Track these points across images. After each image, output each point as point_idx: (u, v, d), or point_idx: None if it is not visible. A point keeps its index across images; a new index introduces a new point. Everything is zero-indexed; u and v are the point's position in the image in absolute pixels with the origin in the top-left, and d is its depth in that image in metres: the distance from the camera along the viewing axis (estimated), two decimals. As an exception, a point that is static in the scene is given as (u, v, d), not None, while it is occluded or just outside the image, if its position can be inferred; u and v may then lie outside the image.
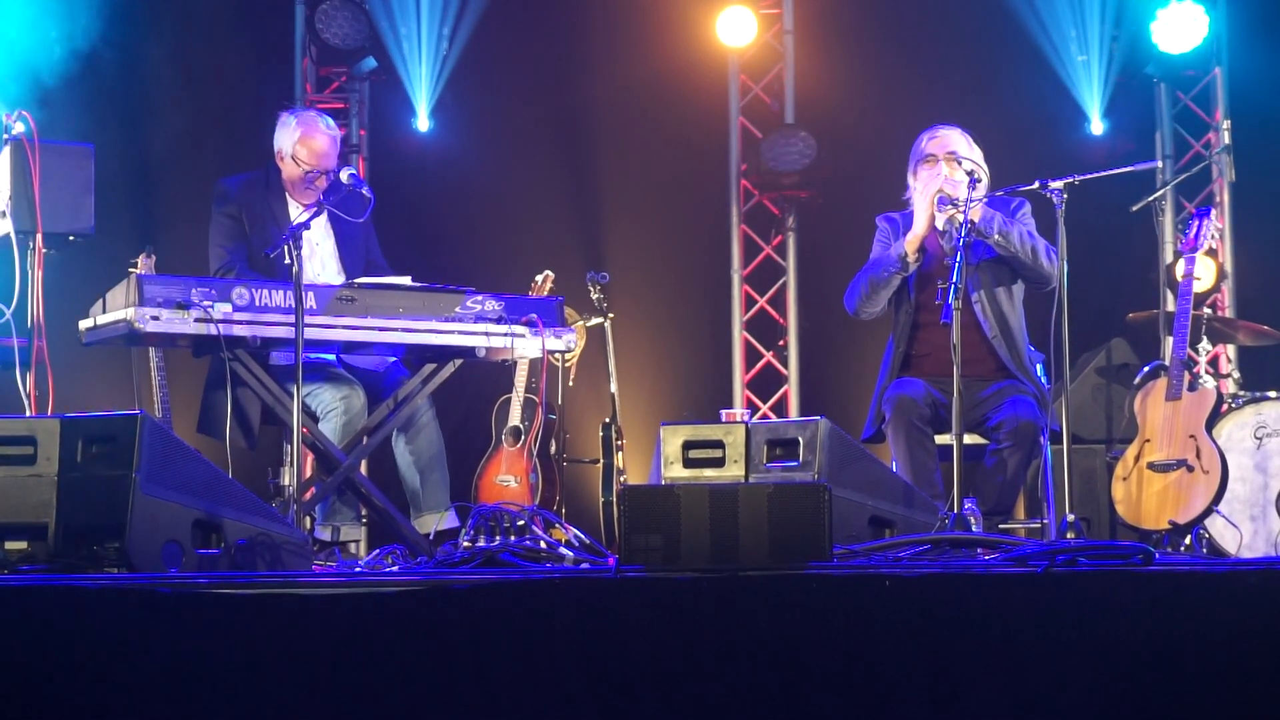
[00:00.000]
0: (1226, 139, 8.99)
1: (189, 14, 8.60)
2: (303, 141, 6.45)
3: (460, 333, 6.03)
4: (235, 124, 8.92)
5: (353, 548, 6.55)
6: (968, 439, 6.06)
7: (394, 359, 6.48)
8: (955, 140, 6.42)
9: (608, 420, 7.86)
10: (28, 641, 3.76)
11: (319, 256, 6.48)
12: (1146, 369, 6.99)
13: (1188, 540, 6.53)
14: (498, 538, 5.05)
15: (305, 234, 6.28)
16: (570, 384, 8.22)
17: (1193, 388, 6.63)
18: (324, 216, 6.44)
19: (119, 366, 7.65)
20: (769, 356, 9.68)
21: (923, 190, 6.38)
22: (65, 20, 7.43)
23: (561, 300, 6.32)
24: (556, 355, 7.32)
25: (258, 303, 5.73)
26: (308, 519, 6.15)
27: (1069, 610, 3.77)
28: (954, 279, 5.76)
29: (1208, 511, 6.46)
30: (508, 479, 7.91)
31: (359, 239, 6.56)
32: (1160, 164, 9.11)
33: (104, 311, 5.73)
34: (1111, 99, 9.29)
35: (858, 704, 3.73)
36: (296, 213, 6.44)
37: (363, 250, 6.58)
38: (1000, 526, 6.19)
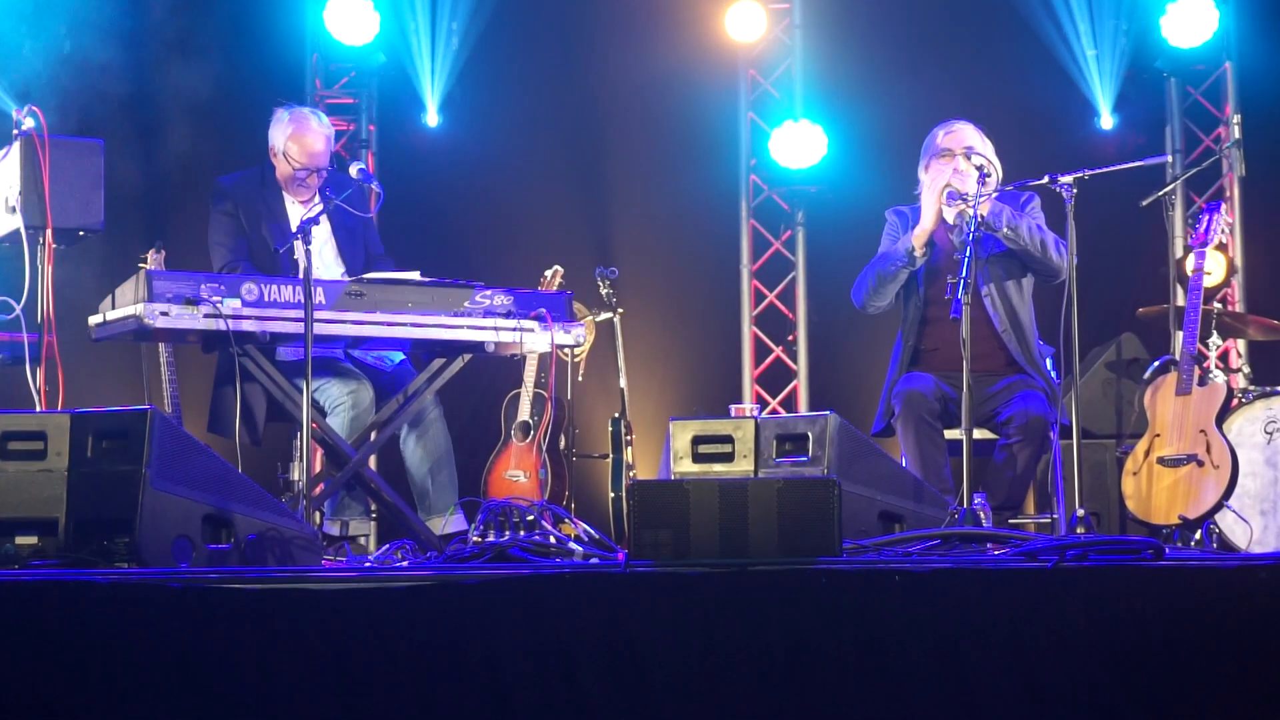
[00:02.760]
0: (1236, 133, 8.96)
1: (199, 8, 8.61)
2: (294, 138, 6.44)
3: (469, 328, 6.03)
4: (245, 120, 8.91)
5: (362, 542, 6.56)
6: (977, 434, 6.06)
7: (403, 356, 6.49)
8: (970, 135, 6.42)
9: (617, 415, 7.86)
10: (38, 636, 3.76)
11: (316, 248, 6.48)
12: (1156, 364, 6.98)
13: (1198, 535, 6.53)
14: (507, 533, 5.05)
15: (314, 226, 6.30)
16: (579, 379, 8.22)
17: (1203, 383, 6.62)
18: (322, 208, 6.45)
19: (129, 362, 7.67)
20: (778, 351, 9.68)
21: (931, 185, 6.38)
22: (76, 15, 7.43)
23: (570, 295, 6.32)
24: (565, 350, 7.33)
25: (267, 298, 5.74)
26: (317, 514, 6.16)
27: (1079, 605, 3.76)
28: (964, 274, 5.76)
29: (1218, 506, 6.46)
30: (517, 474, 7.91)
31: (358, 230, 6.56)
32: (1170, 158, 9.09)
33: (114, 307, 5.74)
34: (1121, 93, 9.28)
35: (867, 698, 3.73)
36: (293, 208, 6.45)
37: (361, 241, 6.58)
38: (1010, 521, 6.18)
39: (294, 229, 6.09)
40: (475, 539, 5.04)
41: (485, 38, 9.47)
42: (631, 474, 7.72)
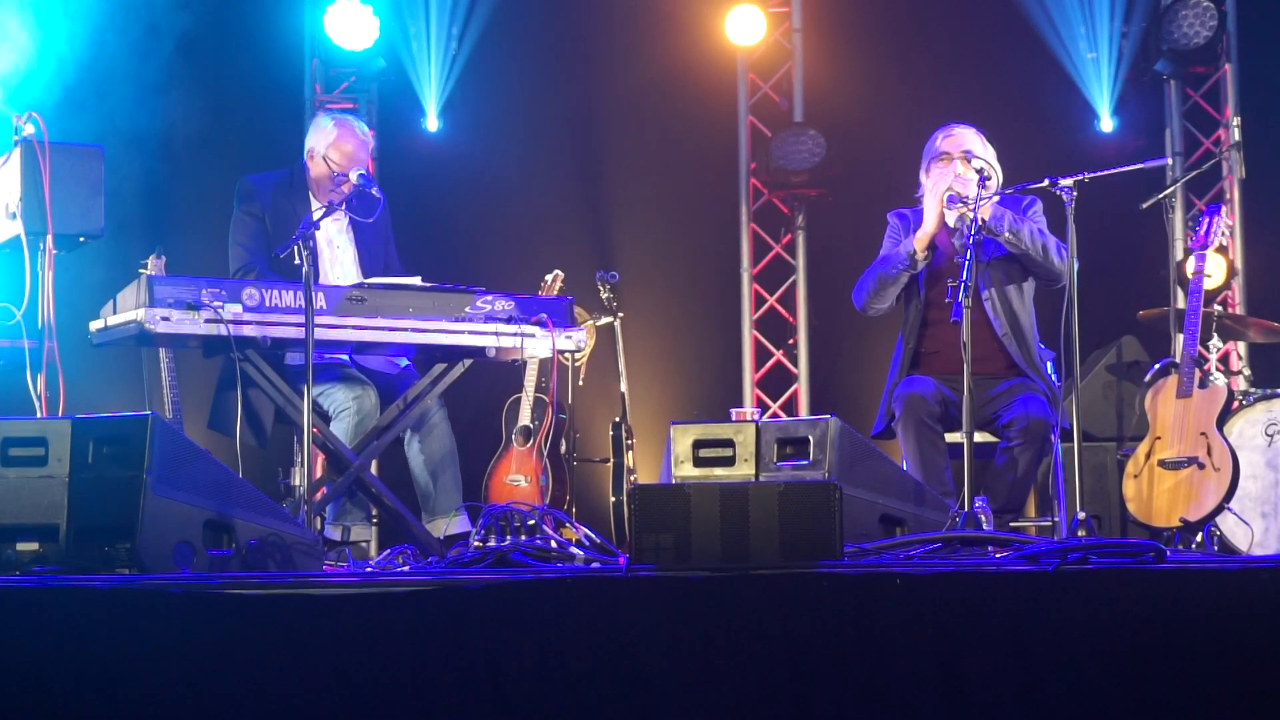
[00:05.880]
0: (1236, 136, 8.97)
1: (198, 14, 8.61)
2: (336, 145, 6.47)
3: (470, 332, 6.03)
4: (245, 125, 8.93)
5: (363, 547, 6.55)
6: (978, 437, 6.05)
7: (407, 361, 6.49)
8: (969, 139, 6.42)
9: (618, 419, 7.86)
10: (40, 642, 3.76)
11: (340, 262, 6.49)
12: (1157, 366, 6.98)
13: (1199, 538, 6.52)
14: (508, 537, 5.05)
15: (326, 238, 6.32)
16: (580, 383, 8.22)
17: (1203, 385, 6.62)
18: (345, 221, 6.46)
19: (129, 367, 7.67)
20: (779, 355, 9.68)
21: (933, 188, 6.38)
22: (75, 21, 7.44)
23: (571, 300, 6.32)
24: (566, 355, 7.33)
25: (268, 303, 5.73)
26: (318, 519, 6.16)
27: (1080, 608, 3.76)
28: (964, 277, 5.76)
29: (1219, 509, 6.46)
30: (518, 479, 7.91)
31: (379, 244, 6.58)
32: (1170, 161, 9.09)
33: (114, 313, 5.74)
34: (1121, 96, 9.29)
35: (869, 702, 3.73)
36: (320, 211, 6.45)
37: (382, 255, 6.60)
38: (1011, 524, 6.18)
39: (316, 236, 6.10)
40: (476, 544, 5.04)
41: (485, 42, 9.48)
42: (632, 478, 7.72)
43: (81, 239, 5.95)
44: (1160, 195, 7.48)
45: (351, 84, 9.47)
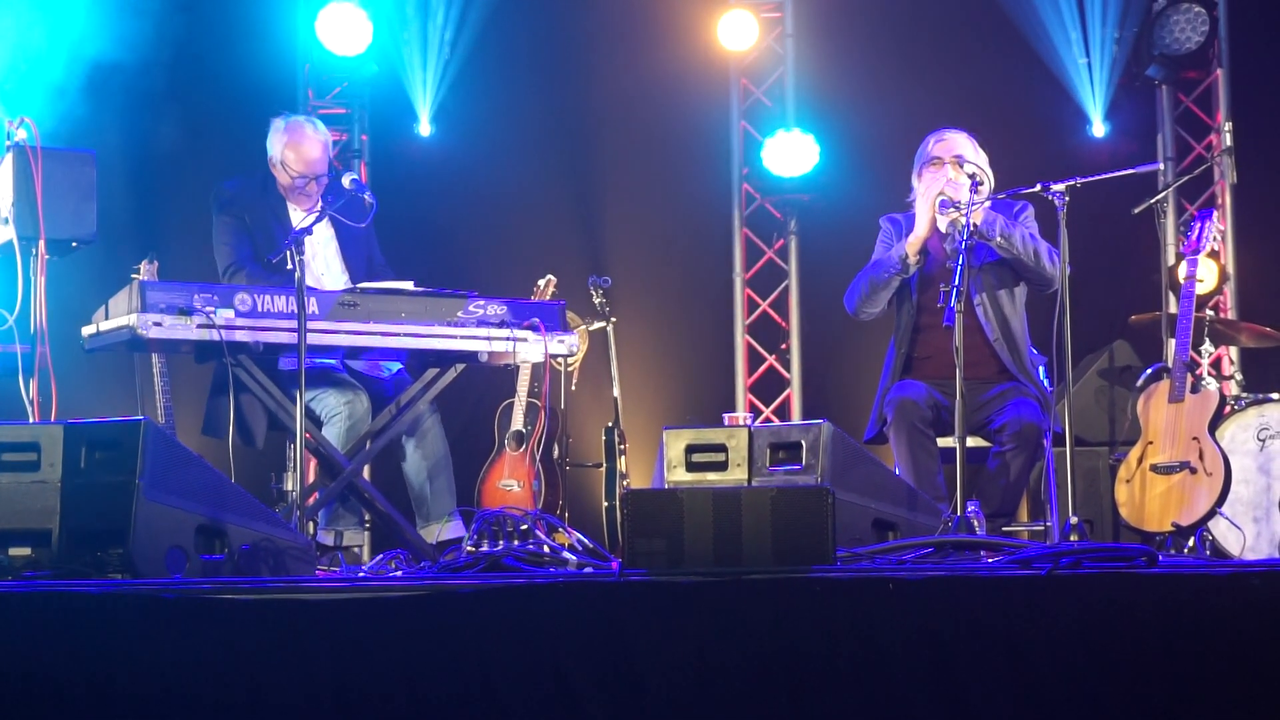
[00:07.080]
0: (1228, 141, 8.98)
1: (191, 19, 8.61)
2: (291, 146, 6.46)
3: (463, 337, 6.04)
4: (238, 130, 8.91)
5: (356, 552, 6.55)
6: (970, 441, 6.06)
7: (399, 365, 6.49)
8: (961, 144, 6.43)
9: (610, 424, 7.86)
10: (32, 647, 3.76)
11: (322, 257, 6.49)
12: (1149, 371, 6.99)
13: (1191, 542, 6.53)
14: (501, 542, 5.05)
15: (310, 239, 6.30)
16: (573, 388, 8.22)
17: (1195, 390, 6.63)
18: (326, 219, 6.45)
19: (122, 372, 7.66)
20: (771, 360, 9.68)
21: (925, 193, 6.39)
22: (67, 26, 7.43)
23: (564, 304, 6.32)
24: (559, 359, 7.33)
25: (260, 308, 5.74)
26: (311, 524, 6.16)
27: (1073, 613, 3.77)
28: (956, 282, 5.77)
29: (1211, 513, 6.46)
30: (511, 483, 7.91)
31: (361, 239, 6.58)
32: (1162, 166, 9.10)
33: (106, 318, 5.74)
34: (1113, 101, 9.29)
35: (861, 707, 3.73)
36: (297, 215, 6.45)
37: (365, 250, 6.60)
38: (1003, 529, 6.19)
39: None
40: (469, 549, 5.04)
41: (478, 47, 9.47)
42: (625, 483, 7.72)
43: (74, 244, 5.95)
44: (1152, 200, 7.48)
45: (344, 89, 9.45)
